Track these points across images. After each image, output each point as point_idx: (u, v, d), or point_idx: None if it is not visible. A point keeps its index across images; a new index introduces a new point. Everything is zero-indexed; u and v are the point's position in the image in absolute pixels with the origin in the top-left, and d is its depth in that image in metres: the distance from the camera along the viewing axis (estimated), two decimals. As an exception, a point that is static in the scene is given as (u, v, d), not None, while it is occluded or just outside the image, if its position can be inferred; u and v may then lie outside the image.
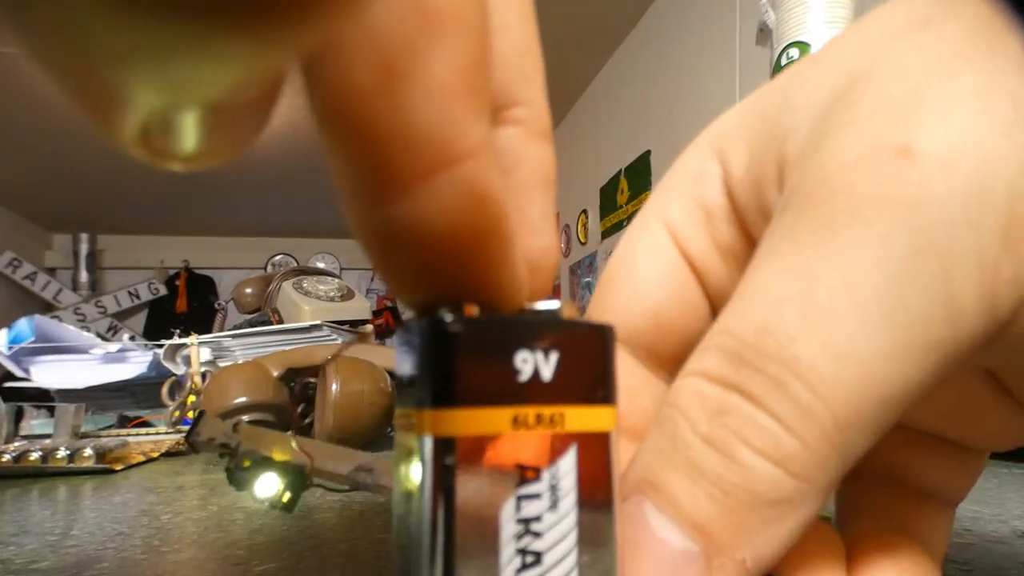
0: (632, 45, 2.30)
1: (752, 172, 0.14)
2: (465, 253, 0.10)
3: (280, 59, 0.07)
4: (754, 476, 0.11)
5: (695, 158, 0.15)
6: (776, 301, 0.11)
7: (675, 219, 0.15)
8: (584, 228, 2.64)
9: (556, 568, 0.10)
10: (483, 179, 0.10)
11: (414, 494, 0.10)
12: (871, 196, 0.10)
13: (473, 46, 0.09)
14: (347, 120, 0.09)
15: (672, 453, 0.11)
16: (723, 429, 0.11)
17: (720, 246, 0.15)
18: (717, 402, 0.11)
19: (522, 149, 0.13)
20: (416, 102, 0.09)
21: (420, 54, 0.09)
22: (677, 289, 0.15)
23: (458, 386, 0.10)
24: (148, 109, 0.07)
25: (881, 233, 0.10)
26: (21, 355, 0.78)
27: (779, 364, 0.10)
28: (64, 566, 0.24)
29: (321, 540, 0.27)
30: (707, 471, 0.11)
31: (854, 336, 0.10)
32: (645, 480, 0.12)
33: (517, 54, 0.12)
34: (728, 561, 0.11)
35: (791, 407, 0.10)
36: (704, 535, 0.11)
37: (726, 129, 0.15)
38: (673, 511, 0.11)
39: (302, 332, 0.79)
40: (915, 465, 0.15)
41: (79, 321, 3.65)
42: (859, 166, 0.11)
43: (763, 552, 0.11)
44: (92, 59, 0.06)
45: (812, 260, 0.11)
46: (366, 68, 0.09)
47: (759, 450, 0.11)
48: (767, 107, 0.14)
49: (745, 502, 0.11)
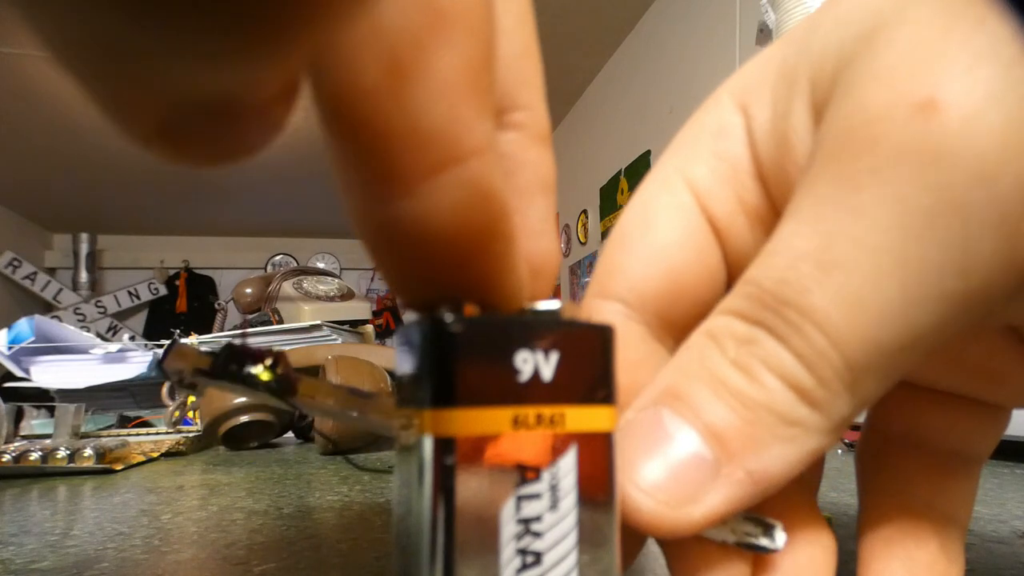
0: (632, 45, 2.30)
1: (777, 128, 0.13)
2: (468, 252, 0.10)
3: (291, 58, 0.07)
4: (774, 397, 0.11)
5: (715, 112, 0.15)
6: (795, 256, 0.11)
7: (698, 177, 0.14)
8: (584, 228, 2.64)
9: (556, 568, 0.10)
10: (487, 178, 0.10)
11: (414, 494, 0.10)
12: (893, 151, 0.10)
13: (479, 45, 0.09)
14: (353, 117, 0.09)
15: (700, 370, 0.12)
16: (749, 355, 0.12)
17: (747, 208, 0.14)
18: (745, 334, 0.12)
19: (522, 153, 0.13)
20: (422, 100, 0.09)
21: (427, 52, 0.09)
22: (698, 252, 0.14)
23: (458, 386, 0.10)
24: (163, 107, 0.07)
25: (901, 189, 0.10)
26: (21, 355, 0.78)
27: (797, 311, 0.11)
28: (64, 566, 0.24)
29: (321, 540, 0.26)
30: (731, 386, 0.12)
31: (867, 287, 0.11)
32: (667, 391, 0.12)
33: (516, 57, 0.12)
34: (736, 470, 0.12)
35: (807, 348, 0.11)
36: (719, 442, 0.12)
37: (748, 81, 0.14)
38: (693, 417, 0.12)
39: (302, 332, 0.79)
40: (940, 426, 0.15)
41: (79, 321, 3.65)
42: (882, 120, 0.11)
43: (769, 468, 0.12)
44: (106, 59, 0.06)
45: (833, 215, 0.11)
46: (373, 66, 0.09)
47: (779, 376, 0.11)
48: (789, 56, 0.13)
49: (762, 417, 0.11)
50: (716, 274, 0.15)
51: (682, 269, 0.14)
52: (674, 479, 0.12)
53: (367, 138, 0.09)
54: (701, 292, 0.15)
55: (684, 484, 0.12)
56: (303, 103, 0.10)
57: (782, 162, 0.13)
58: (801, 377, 0.11)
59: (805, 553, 0.13)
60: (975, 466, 0.16)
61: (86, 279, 4.00)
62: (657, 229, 0.15)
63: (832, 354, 0.11)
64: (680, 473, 0.12)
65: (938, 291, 0.10)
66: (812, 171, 0.12)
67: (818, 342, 0.11)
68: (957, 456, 0.15)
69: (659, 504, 0.12)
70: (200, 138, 0.07)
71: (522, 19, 0.12)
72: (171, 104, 0.07)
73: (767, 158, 0.14)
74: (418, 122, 0.09)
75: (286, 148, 2.79)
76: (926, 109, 0.10)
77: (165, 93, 0.07)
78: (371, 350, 0.66)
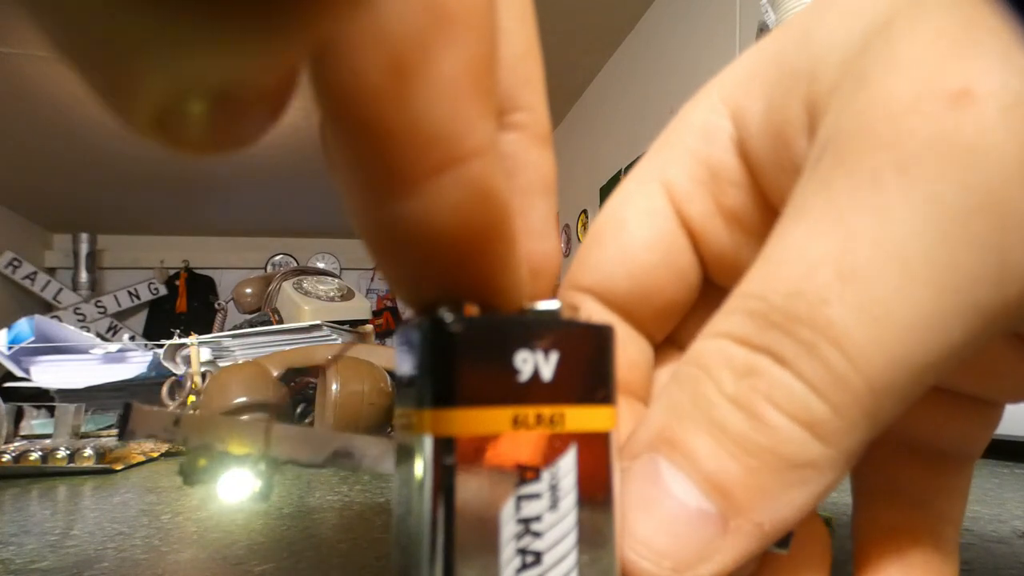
0: (632, 45, 2.30)
1: (772, 122, 0.12)
2: (469, 252, 0.10)
3: (290, 51, 0.07)
4: (780, 438, 0.10)
5: (702, 111, 0.14)
6: (809, 262, 0.10)
7: (675, 180, 0.14)
8: (584, 228, 2.64)
9: (556, 568, 0.10)
10: (489, 178, 0.10)
11: (414, 494, 0.10)
12: (923, 146, 0.09)
13: (482, 44, 0.09)
14: (355, 116, 0.09)
15: (693, 411, 0.11)
16: (751, 390, 0.10)
17: (724, 211, 0.14)
18: (744, 363, 0.10)
19: (523, 154, 0.13)
20: (425, 99, 0.09)
21: (430, 51, 0.09)
22: (668, 255, 0.14)
23: (458, 386, 0.10)
24: (162, 96, 0.07)
25: (933, 187, 0.09)
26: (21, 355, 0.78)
27: (811, 328, 0.10)
28: (64, 566, 0.24)
29: (321, 540, 0.26)
30: (731, 430, 0.10)
31: (895, 298, 0.09)
32: (661, 438, 0.11)
33: (518, 58, 0.12)
34: (745, 523, 0.10)
35: (822, 372, 0.10)
36: (723, 495, 0.10)
37: (739, 75, 0.14)
38: (691, 469, 0.11)
39: (302, 332, 0.79)
40: (932, 424, 0.15)
41: (79, 321, 3.65)
42: (909, 112, 0.10)
43: (781, 516, 0.11)
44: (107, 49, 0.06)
45: (852, 217, 0.10)
46: (376, 65, 0.09)
47: (787, 412, 0.10)
48: (786, 47, 0.12)
49: (769, 464, 0.10)
50: (687, 277, 0.15)
51: (651, 271, 0.14)
52: (678, 541, 0.11)
53: (369, 137, 0.09)
54: (671, 293, 0.15)
55: (689, 545, 0.11)
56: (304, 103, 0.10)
57: (777, 158, 0.13)
58: (813, 408, 0.10)
59: (801, 550, 0.13)
60: (968, 463, 0.15)
61: (86, 279, 4.01)
62: (627, 230, 0.15)
63: (852, 377, 0.10)
64: (684, 533, 0.11)
65: (971, 301, 0.09)
66: (822, 168, 0.11)
67: (836, 363, 0.10)
68: (950, 453, 0.15)
69: (665, 571, 0.11)
70: (198, 127, 0.07)
71: (523, 19, 0.12)
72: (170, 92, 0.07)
73: (761, 154, 0.13)
74: (420, 122, 0.09)
75: (287, 148, 2.79)
76: (960, 100, 0.09)
77: (164, 81, 0.07)
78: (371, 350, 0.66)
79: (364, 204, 0.10)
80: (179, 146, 0.08)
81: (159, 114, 0.07)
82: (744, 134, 0.13)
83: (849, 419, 0.10)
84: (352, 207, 0.10)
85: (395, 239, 0.10)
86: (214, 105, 0.07)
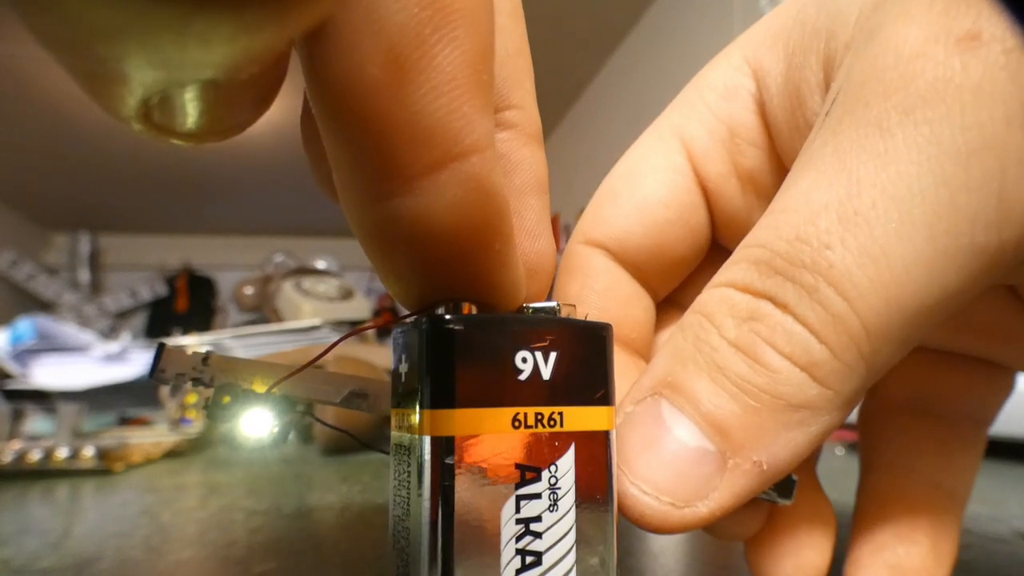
0: (632, 45, 2.30)
1: (791, 80, 0.13)
2: (467, 249, 0.10)
3: (267, 41, 0.07)
4: (779, 380, 0.11)
5: (724, 69, 0.14)
6: (813, 209, 0.10)
7: (694, 137, 0.14)
8: (584, 228, 2.64)
9: (556, 568, 0.10)
10: (488, 175, 0.10)
11: (412, 495, 0.10)
12: (928, 88, 0.10)
13: (480, 40, 0.09)
14: (353, 112, 0.09)
15: (696, 355, 0.11)
16: (751, 334, 0.11)
17: (740, 171, 0.14)
18: (746, 309, 0.11)
19: (516, 153, 0.12)
20: (423, 95, 0.09)
21: (428, 47, 0.09)
22: (684, 212, 0.14)
23: (457, 386, 0.10)
24: (145, 85, 0.07)
25: (935, 131, 0.09)
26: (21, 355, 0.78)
27: (812, 271, 0.10)
28: (64, 566, 0.24)
29: (321, 540, 0.26)
30: (731, 372, 0.11)
31: (893, 240, 0.10)
32: (663, 381, 0.12)
33: (510, 55, 0.12)
34: (743, 461, 0.11)
35: (822, 314, 0.10)
36: (722, 435, 0.11)
37: (762, 36, 0.14)
38: (692, 410, 0.11)
39: (302, 332, 0.79)
40: (947, 390, 0.15)
41: (79, 321, 3.65)
42: (917, 57, 0.10)
43: (779, 456, 0.11)
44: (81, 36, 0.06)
45: (857, 163, 0.10)
46: (374, 60, 0.09)
47: (787, 355, 0.10)
48: (807, 7, 0.13)
49: (768, 404, 0.11)
50: (699, 235, 0.15)
51: (666, 227, 0.14)
52: (678, 478, 0.11)
53: (367, 133, 0.09)
54: (682, 251, 0.15)
55: (689, 482, 0.11)
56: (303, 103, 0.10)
57: (792, 117, 0.13)
58: (812, 350, 0.10)
59: (805, 526, 0.13)
60: (982, 430, 0.15)
61: (86, 279, 4.01)
62: (644, 186, 0.15)
63: (851, 318, 0.10)
64: (684, 471, 0.11)
65: (968, 244, 0.10)
66: (831, 119, 0.11)
67: (835, 305, 0.10)
68: (965, 420, 0.15)
69: (664, 505, 0.11)
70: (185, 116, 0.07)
71: (515, 16, 0.12)
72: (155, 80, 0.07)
73: (779, 114, 0.13)
74: (419, 117, 0.09)
75: (287, 148, 2.79)
76: (967, 43, 0.09)
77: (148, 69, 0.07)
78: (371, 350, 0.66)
79: (360, 201, 0.10)
80: (165, 136, 0.08)
81: (143, 104, 0.07)
82: (766, 94, 0.13)
83: (846, 361, 0.10)
84: (348, 205, 0.10)
85: (392, 237, 0.10)
86: (202, 93, 0.07)
